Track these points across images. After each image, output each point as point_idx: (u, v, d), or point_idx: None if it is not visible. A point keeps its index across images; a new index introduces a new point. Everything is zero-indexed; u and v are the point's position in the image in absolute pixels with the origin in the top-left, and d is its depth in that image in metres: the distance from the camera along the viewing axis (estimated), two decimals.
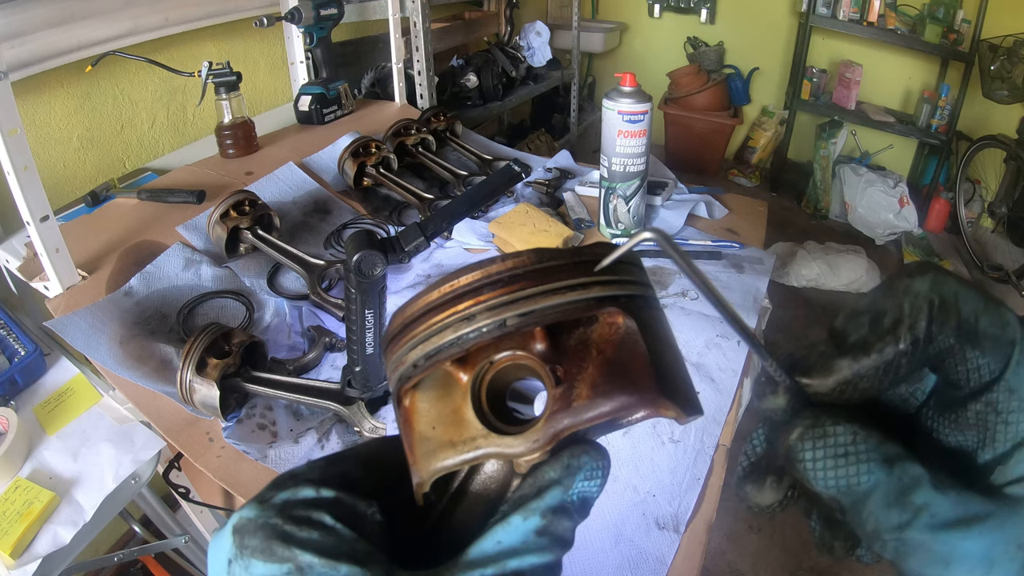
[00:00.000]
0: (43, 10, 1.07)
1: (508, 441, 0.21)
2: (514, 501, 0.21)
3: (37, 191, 0.81)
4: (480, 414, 0.21)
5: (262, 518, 0.20)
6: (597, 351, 0.21)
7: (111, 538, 1.28)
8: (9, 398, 0.83)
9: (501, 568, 0.19)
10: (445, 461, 0.22)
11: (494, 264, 0.20)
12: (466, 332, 0.20)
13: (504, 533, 0.20)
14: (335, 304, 0.95)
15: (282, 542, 0.19)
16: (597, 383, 0.20)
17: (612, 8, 3.53)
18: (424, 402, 0.23)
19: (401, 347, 0.22)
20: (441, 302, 0.21)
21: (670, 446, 0.77)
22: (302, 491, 0.21)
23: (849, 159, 3.04)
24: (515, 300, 0.20)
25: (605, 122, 1.09)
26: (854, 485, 0.19)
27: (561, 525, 0.21)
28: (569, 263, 0.21)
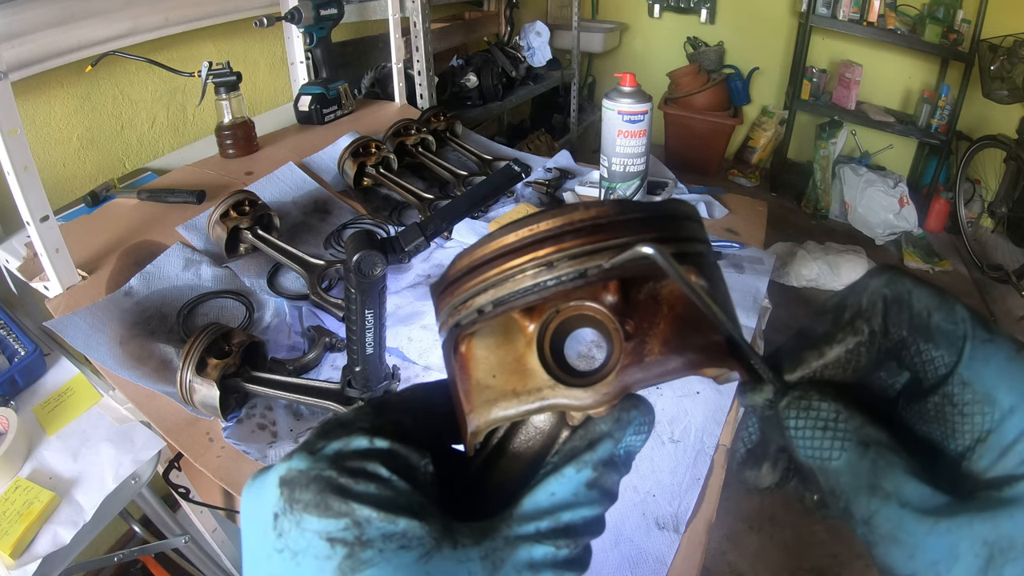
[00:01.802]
0: (43, 10, 1.07)
1: (576, 393, 0.20)
2: (565, 452, 0.21)
3: (37, 191, 0.81)
4: (546, 364, 0.21)
5: (315, 470, 0.19)
6: (668, 307, 0.21)
7: (111, 538, 1.28)
8: (9, 398, 0.83)
9: (555, 521, 0.20)
10: (507, 411, 0.21)
11: (577, 211, 0.19)
12: (545, 280, 0.19)
13: (557, 484, 0.20)
14: (335, 304, 0.95)
15: (338, 495, 0.18)
16: (668, 339, 0.20)
17: (612, 8, 3.53)
18: (482, 349, 0.22)
19: (463, 291, 0.21)
20: (519, 246, 0.20)
21: (670, 446, 0.77)
22: (355, 440, 0.20)
23: (849, 159, 3.04)
24: (597, 250, 0.19)
25: (605, 122, 1.09)
26: (826, 460, 0.19)
27: (610, 478, 0.21)
28: (649, 216, 0.20)
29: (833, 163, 2.95)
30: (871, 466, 0.19)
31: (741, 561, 1.43)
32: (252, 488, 0.20)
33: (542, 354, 0.21)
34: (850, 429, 0.19)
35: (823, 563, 1.43)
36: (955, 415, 0.19)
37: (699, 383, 0.86)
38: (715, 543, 1.45)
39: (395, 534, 0.18)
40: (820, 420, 0.20)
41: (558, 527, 0.20)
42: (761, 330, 1.12)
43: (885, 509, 0.18)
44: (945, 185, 2.93)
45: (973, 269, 2.63)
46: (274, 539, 0.18)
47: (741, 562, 1.43)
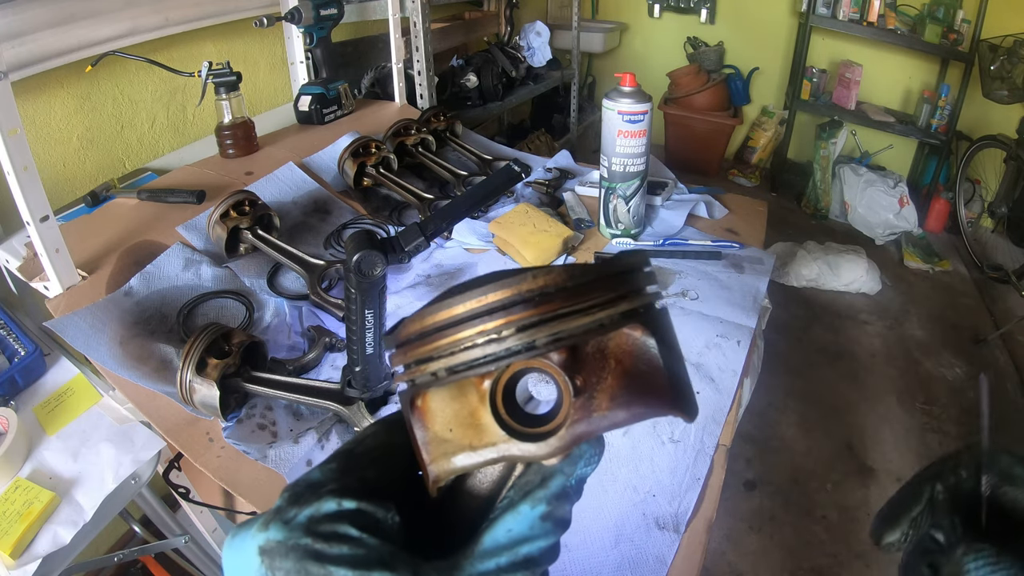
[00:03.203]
0: (43, 10, 1.07)
1: (529, 447, 0.22)
2: (520, 487, 0.23)
3: (37, 191, 0.81)
4: (499, 419, 0.22)
5: (291, 539, 0.20)
6: (616, 361, 0.22)
7: (111, 538, 1.28)
8: (9, 398, 0.83)
9: (514, 555, 0.21)
10: (465, 462, 0.22)
11: (524, 282, 0.20)
12: (495, 352, 0.20)
13: (514, 521, 0.22)
14: (335, 304, 0.95)
15: (315, 561, 0.20)
16: (616, 394, 0.21)
17: (612, 8, 3.54)
18: (438, 402, 0.23)
19: (417, 353, 0.22)
20: (467, 317, 0.21)
21: (670, 446, 0.77)
22: (325, 505, 0.21)
23: (849, 159, 3.04)
24: (545, 320, 0.20)
25: (605, 122, 1.09)
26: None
27: (563, 509, 0.23)
28: (596, 278, 0.21)
29: (833, 163, 2.95)
30: None
31: (741, 561, 1.43)
32: (232, 552, 0.22)
33: (495, 410, 0.22)
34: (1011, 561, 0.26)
35: (823, 563, 1.43)
36: None
37: (699, 384, 0.86)
38: (715, 543, 1.45)
39: None
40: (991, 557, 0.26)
41: (517, 560, 0.21)
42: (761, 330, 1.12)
43: None
44: (945, 185, 2.93)
45: (973, 269, 2.64)
46: None
47: (741, 562, 1.43)
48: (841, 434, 1.78)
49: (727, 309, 0.99)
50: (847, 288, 2.41)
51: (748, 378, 0.93)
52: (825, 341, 2.17)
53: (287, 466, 0.73)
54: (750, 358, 0.92)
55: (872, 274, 2.40)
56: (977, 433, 0.31)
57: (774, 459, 1.69)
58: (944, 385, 1.98)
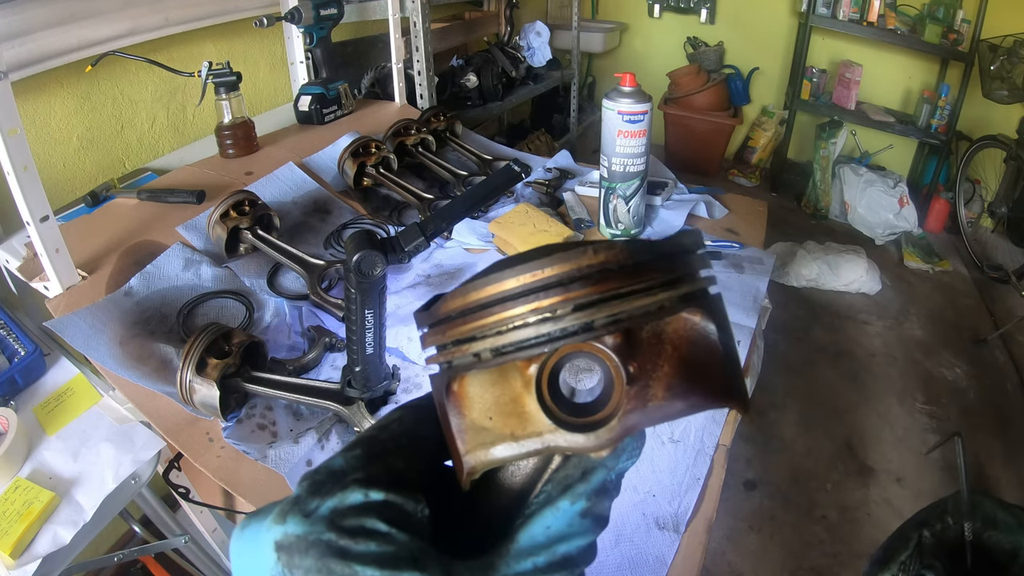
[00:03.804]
0: (43, 10, 1.07)
1: (577, 439, 0.20)
2: (559, 482, 0.21)
3: (37, 191, 0.81)
4: (546, 408, 0.20)
5: (312, 534, 0.18)
6: (672, 347, 0.20)
7: (111, 538, 1.28)
8: (9, 398, 0.83)
9: (552, 555, 0.20)
10: (505, 453, 0.20)
11: (584, 256, 0.19)
12: (550, 332, 0.18)
13: (552, 518, 0.20)
14: (335, 304, 0.95)
15: (339, 559, 0.18)
16: (672, 384, 0.20)
17: (612, 8, 3.54)
18: (477, 387, 0.21)
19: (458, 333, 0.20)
20: (521, 292, 0.19)
21: (670, 446, 0.77)
22: (350, 496, 0.19)
23: (849, 159, 3.04)
24: (605, 300, 0.18)
25: (605, 122, 1.09)
26: None
27: (603, 505, 0.21)
28: (657, 257, 0.19)
29: (833, 163, 2.95)
30: None
31: (741, 561, 1.43)
32: (243, 546, 0.20)
33: (541, 397, 0.20)
34: None
35: (823, 563, 1.43)
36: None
37: None
38: (715, 543, 1.45)
39: None
40: None
41: (555, 560, 0.20)
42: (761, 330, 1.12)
43: None
44: (945, 185, 2.93)
45: (973, 269, 2.63)
46: None
47: (741, 562, 1.43)
48: (841, 434, 1.78)
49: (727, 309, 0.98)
50: (847, 288, 2.41)
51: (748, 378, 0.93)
52: (825, 341, 2.17)
53: (287, 466, 0.73)
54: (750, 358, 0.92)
55: (872, 274, 2.40)
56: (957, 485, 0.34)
57: (774, 459, 1.69)
58: (944, 385, 1.98)
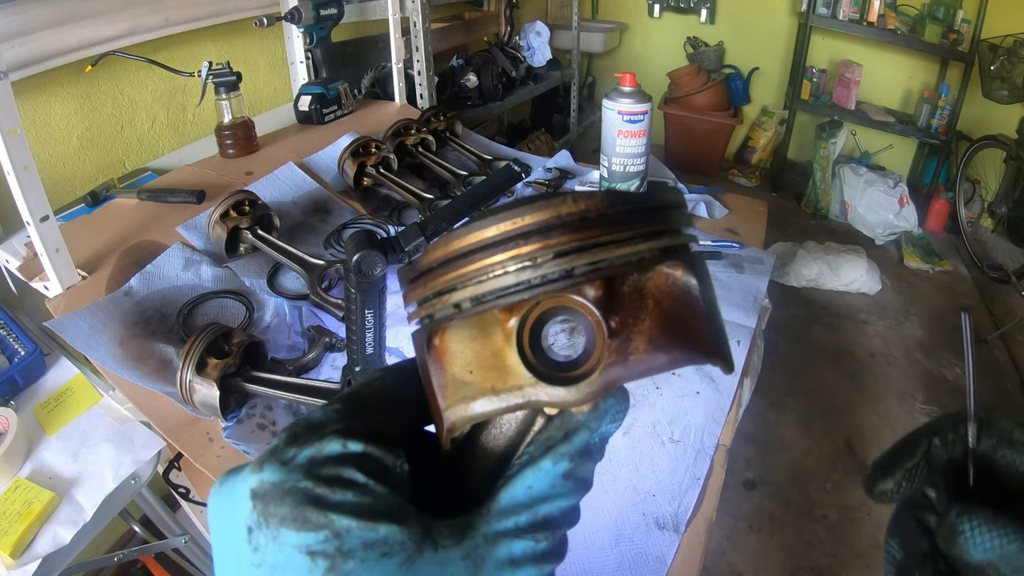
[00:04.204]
0: (43, 10, 1.07)
1: (558, 392, 0.20)
2: (541, 443, 0.21)
3: (37, 191, 0.81)
4: (527, 362, 0.20)
5: (289, 481, 0.18)
6: (654, 302, 0.20)
7: (111, 538, 1.28)
8: (9, 398, 0.83)
9: (533, 515, 0.20)
10: (486, 407, 0.20)
11: (564, 204, 0.18)
12: (529, 279, 0.18)
13: (534, 478, 0.20)
14: (335, 304, 0.95)
15: (315, 507, 0.18)
16: (654, 337, 0.20)
17: (612, 8, 3.54)
18: (457, 342, 0.21)
19: (438, 284, 0.20)
20: (501, 239, 0.18)
21: (670, 446, 0.77)
22: (328, 446, 0.19)
23: (849, 159, 3.04)
24: (585, 248, 0.18)
25: (605, 122, 1.09)
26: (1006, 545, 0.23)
27: (586, 468, 0.21)
28: (638, 208, 0.19)
29: (833, 163, 2.95)
30: None
31: (741, 561, 1.43)
32: (219, 498, 0.19)
33: (522, 351, 0.20)
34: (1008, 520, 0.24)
35: (823, 563, 1.43)
36: None
37: (699, 383, 0.86)
38: (715, 543, 1.45)
39: (376, 542, 0.18)
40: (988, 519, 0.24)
41: (536, 521, 0.20)
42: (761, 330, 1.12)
43: None
44: (945, 185, 2.93)
45: (973, 269, 2.64)
46: (250, 553, 0.18)
47: (741, 562, 1.43)
48: (841, 434, 1.78)
49: (727, 309, 0.99)
50: (847, 288, 2.41)
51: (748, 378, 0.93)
52: (825, 341, 2.17)
53: None
54: (750, 358, 0.92)
55: (872, 274, 2.40)
56: None
57: (774, 459, 1.69)
58: (944, 385, 1.98)
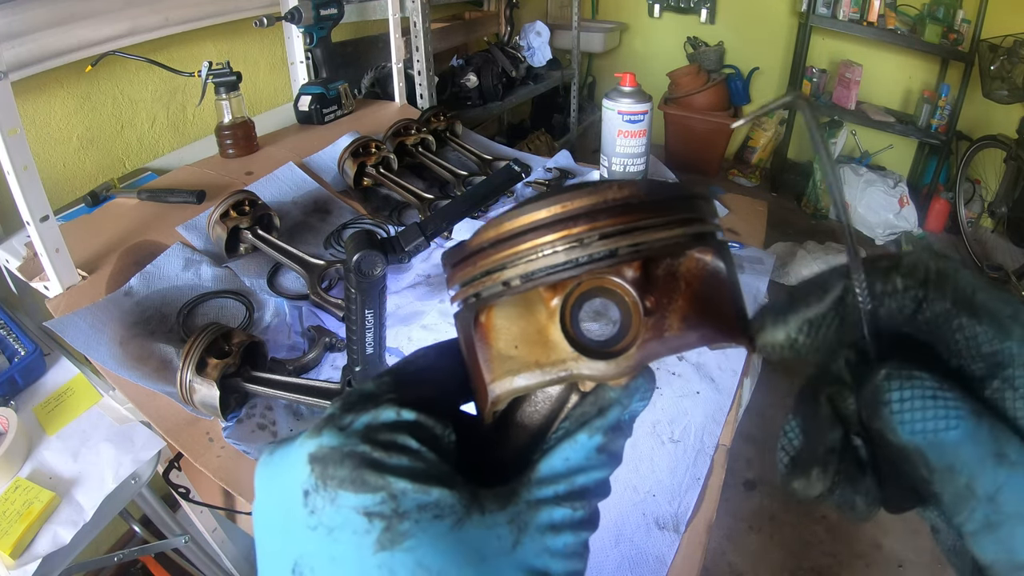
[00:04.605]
0: (43, 10, 1.07)
1: (598, 365, 0.21)
2: (576, 418, 0.22)
3: (37, 191, 0.81)
4: (569, 337, 0.21)
5: (348, 445, 0.19)
6: (686, 284, 0.22)
7: (111, 538, 1.28)
8: (9, 398, 0.83)
9: (571, 484, 0.21)
10: (530, 380, 0.22)
11: (610, 190, 0.20)
12: (578, 257, 0.20)
13: (571, 450, 0.21)
14: (335, 304, 0.95)
15: (374, 470, 0.18)
16: (687, 316, 0.21)
17: (612, 8, 3.53)
18: (503, 319, 0.22)
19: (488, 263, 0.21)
20: (551, 221, 0.20)
21: (670, 446, 0.77)
22: (384, 413, 0.20)
23: (849, 159, 3.04)
24: (628, 230, 0.20)
25: (605, 122, 1.09)
26: (942, 431, 0.17)
27: (617, 443, 0.22)
28: (674, 197, 0.21)
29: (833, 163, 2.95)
30: (991, 434, 0.17)
31: (741, 561, 1.43)
32: (271, 465, 0.20)
33: (565, 327, 0.21)
34: (960, 397, 0.18)
35: (823, 563, 1.43)
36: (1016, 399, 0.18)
37: (699, 383, 0.86)
38: (715, 543, 1.45)
39: (429, 504, 0.18)
40: (927, 389, 0.18)
41: (573, 490, 0.21)
42: None
43: (1014, 480, 0.16)
44: (945, 185, 2.93)
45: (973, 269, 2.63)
46: (306, 516, 0.19)
47: (741, 562, 1.43)
48: None
49: None
50: None
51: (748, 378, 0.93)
52: None
53: None
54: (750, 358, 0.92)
55: None
56: None
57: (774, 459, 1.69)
58: None
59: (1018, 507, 0.16)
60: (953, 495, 0.17)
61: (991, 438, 0.17)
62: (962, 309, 0.19)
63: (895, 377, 0.18)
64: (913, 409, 0.18)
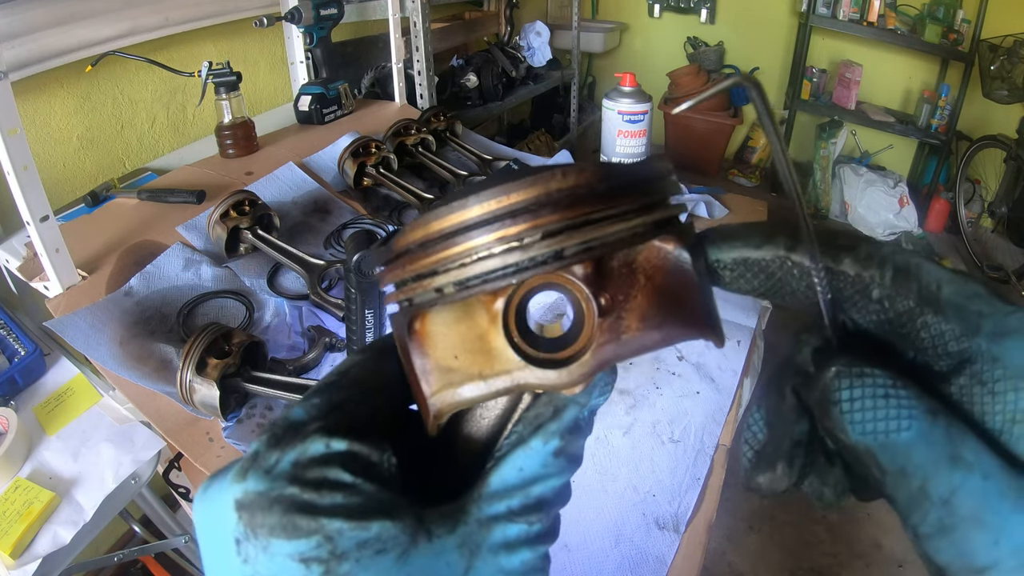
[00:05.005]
0: (43, 10, 1.07)
1: (548, 375, 0.19)
2: (530, 421, 0.20)
3: (37, 191, 0.81)
4: (514, 344, 0.19)
5: (275, 490, 0.17)
6: (645, 277, 0.19)
7: (111, 538, 1.28)
8: (9, 398, 0.83)
9: (526, 497, 0.19)
10: (473, 393, 0.19)
11: (553, 179, 0.17)
12: (518, 262, 0.17)
13: (525, 458, 0.19)
14: (335, 304, 0.95)
15: (305, 514, 0.17)
16: (647, 315, 0.19)
17: (612, 8, 3.53)
18: (440, 325, 0.20)
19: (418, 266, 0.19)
20: (483, 220, 0.17)
21: (670, 446, 0.77)
22: (311, 447, 0.18)
23: (849, 159, 3.04)
24: (576, 226, 0.17)
25: (605, 122, 1.09)
26: (894, 432, 0.16)
27: (576, 444, 0.20)
28: (631, 182, 0.18)
29: (833, 163, 2.95)
30: (946, 435, 0.16)
31: (741, 561, 1.43)
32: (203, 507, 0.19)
33: (509, 333, 0.19)
34: (915, 395, 0.17)
35: (823, 563, 1.43)
36: (984, 395, 0.17)
37: (699, 383, 0.86)
38: (715, 543, 1.45)
39: (369, 540, 0.17)
40: (879, 387, 0.17)
41: (529, 503, 0.19)
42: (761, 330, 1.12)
43: (969, 483, 0.15)
44: (945, 185, 2.93)
45: (973, 269, 2.64)
46: (239, 565, 0.17)
47: (741, 562, 1.43)
48: None
49: (727, 309, 0.99)
50: None
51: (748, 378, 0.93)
52: None
53: None
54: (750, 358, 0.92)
55: None
56: None
57: None
58: None
59: (973, 510, 0.15)
60: (906, 498, 0.16)
61: (946, 439, 0.16)
62: (927, 306, 0.18)
63: (845, 375, 0.17)
64: (864, 409, 0.17)
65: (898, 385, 0.17)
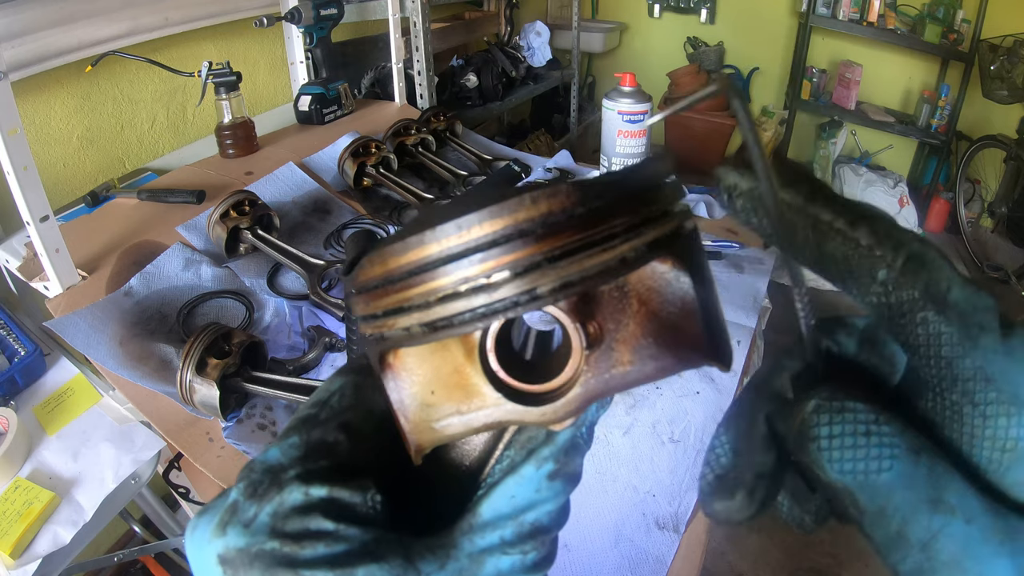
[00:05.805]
0: (43, 10, 1.07)
1: (530, 412, 0.17)
2: (521, 445, 0.19)
3: (37, 191, 0.81)
4: (492, 377, 0.17)
5: (255, 545, 0.17)
6: (639, 302, 0.17)
7: (111, 538, 1.28)
8: (9, 398, 0.83)
9: (519, 526, 0.18)
10: (454, 430, 0.18)
11: (521, 208, 0.15)
12: (485, 304, 0.15)
13: (517, 486, 0.18)
14: (335, 304, 0.95)
15: (287, 567, 0.17)
16: (640, 345, 0.17)
17: (612, 8, 3.53)
18: (414, 358, 0.18)
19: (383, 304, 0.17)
20: (444, 258, 0.15)
21: (670, 446, 0.77)
22: (289, 497, 0.17)
23: (849, 159, 3.04)
24: (552, 259, 0.15)
25: (605, 122, 1.09)
26: (873, 472, 0.16)
27: (574, 464, 0.19)
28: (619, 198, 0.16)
29: (833, 163, 2.95)
30: (928, 476, 0.15)
31: (741, 561, 1.43)
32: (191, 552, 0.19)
33: (487, 366, 0.17)
34: (897, 432, 0.16)
35: (823, 563, 1.43)
36: (975, 416, 0.16)
37: (699, 383, 0.86)
38: (715, 543, 1.45)
39: None
40: (860, 424, 0.16)
41: (523, 531, 0.18)
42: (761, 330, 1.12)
43: (950, 528, 0.15)
44: (945, 185, 2.93)
45: (973, 269, 2.64)
46: None
47: (741, 562, 1.43)
48: None
49: (727, 309, 0.98)
50: None
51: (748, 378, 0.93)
52: None
53: None
54: (750, 358, 0.92)
55: None
56: None
57: None
58: None
59: (954, 555, 0.15)
60: (885, 539, 0.16)
61: (928, 482, 0.15)
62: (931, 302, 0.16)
63: (825, 410, 0.16)
64: (843, 447, 0.16)
65: (880, 421, 0.16)
